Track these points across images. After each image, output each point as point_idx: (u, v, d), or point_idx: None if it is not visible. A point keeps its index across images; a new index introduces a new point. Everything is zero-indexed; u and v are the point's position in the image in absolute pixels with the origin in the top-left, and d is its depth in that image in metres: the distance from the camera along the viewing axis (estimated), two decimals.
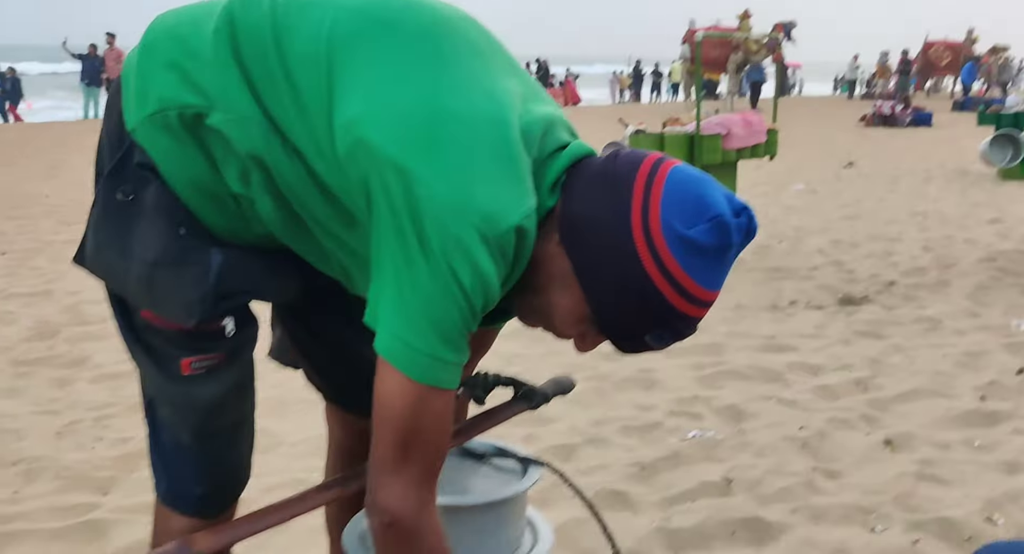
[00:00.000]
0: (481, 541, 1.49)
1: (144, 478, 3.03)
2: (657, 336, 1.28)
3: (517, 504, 1.56)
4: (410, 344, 1.19)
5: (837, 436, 3.35)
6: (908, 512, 2.76)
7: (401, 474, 1.23)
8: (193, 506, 1.46)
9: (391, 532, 1.24)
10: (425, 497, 1.26)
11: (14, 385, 4.02)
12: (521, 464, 1.64)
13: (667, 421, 3.53)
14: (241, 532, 1.39)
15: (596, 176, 1.27)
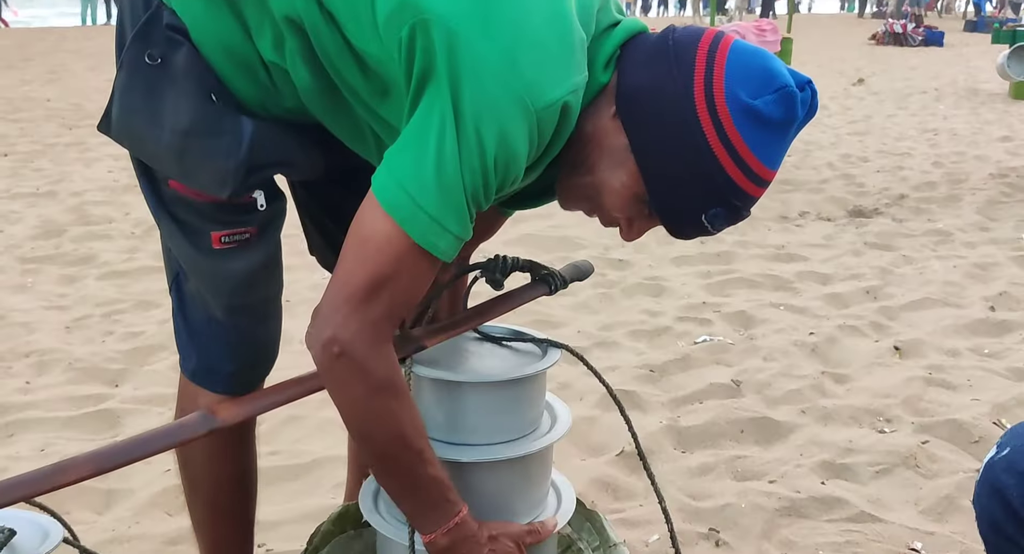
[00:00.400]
0: (500, 420, 1.47)
1: (155, 371, 3.06)
2: (713, 215, 1.23)
3: (536, 384, 1.55)
4: (416, 200, 1.13)
5: (846, 342, 3.36)
6: (916, 415, 2.78)
7: (361, 311, 1.17)
8: (222, 383, 1.44)
9: (341, 362, 1.18)
10: (383, 335, 1.21)
11: (23, 282, 4.02)
12: (540, 347, 1.63)
13: (676, 326, 3.53)
14: (262, 404, 1.38)
15: (655, 49, 1.22)
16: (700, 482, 2.41)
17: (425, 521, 1.29)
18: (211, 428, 1.29)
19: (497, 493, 1.43)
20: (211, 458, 1.54)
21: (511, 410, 1.46)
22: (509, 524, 1.38)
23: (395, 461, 1.26)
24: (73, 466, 1.23)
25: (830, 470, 2.44)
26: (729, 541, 2.12)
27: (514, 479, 1.45)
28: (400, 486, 1.29)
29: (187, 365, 1.49)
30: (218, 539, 1.59)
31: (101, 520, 2.22)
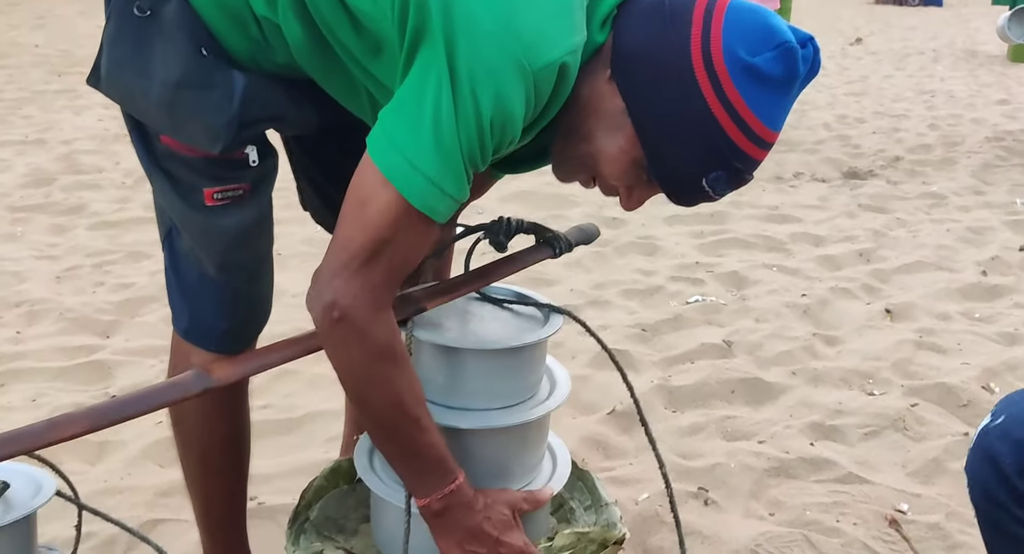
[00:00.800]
0: (499, 386, 1.46)
1: (146, 323, 3.05)
2: (715, 178, 1.20)
3: (537, 351, 1.54)
4: (412, 163, 1.12)
5: (838, 304, 3.36)
6: (906, 378, 2.80)
7: (360, 275, 1.17)
8: (215, 342, 1.44)
9: (341, 327, 1.18)
10: (382, 300, 1.21)
11: (12, 231, 3.99)
12: (541, 312, 1.61)
13: (669, 286, 3.53)
14: (257, 364, 1.37)
15: (650, 8, 1.19)
16: (690, 441, 2.42)
17: (420, 486, 1.30)
18: (206, 387, 1.29)
19: (493, 458, 1.43)
20: (204, 417, 1.53)
21: (510, 376, 1.45)
22: (505, 491, 1.39)
23: (392, 427, 1.26)
24: (67, 422, 1.23)
25: (819, 431, 2.46)
26: (718, 500, 2.14)
27: (511, 445, 1.45)
28: (396, 451, 1.30)
29: (180, 323, 1.48)
30: (210, 495, 1.59)
31: (93, 471, 2.22)
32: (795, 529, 1.97)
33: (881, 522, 2.04)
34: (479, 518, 1.33)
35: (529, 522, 1.48)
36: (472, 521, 1.32)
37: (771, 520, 2.06)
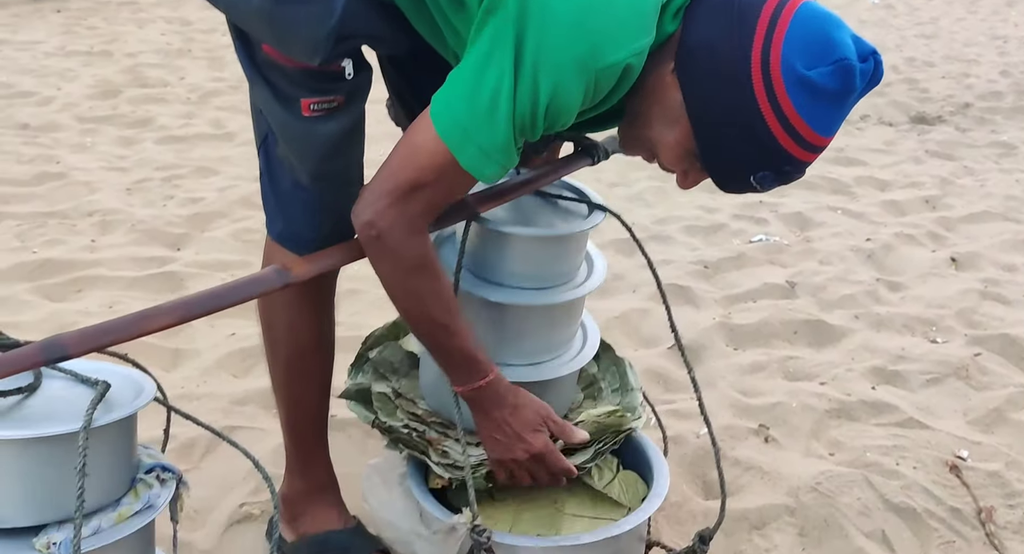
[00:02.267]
0: (533, 267, 1.59)
1: (216, 238, 3.11)
2: (762, 177, 1.26)
3: (575, 241, 1.63)
4: (467, 132, 1.21)
5: (903, 250, 3.33)
6: (969, 327, 2.78)
7: (398, 206, 1.28)
8: (306, 247, 1.47)
9: (378, 244, 1.31)
10: (417, 226, 1.32)
11: (82, 141, 4.05)
12: (588, 207, 1.67)
13: (732, 224, 3.52)
14: (333, 261, 1.44)
15: (721, 4, 1.22)
16: (751, 380, 2.44)
17: (455, 377, 1.45)
18: (285, 282, 1.37)
19: (519, 333, 1.59)
20: (291, 324, 1.58)
21: (545, 262, 1.60)
22: (538, 401, 1.52)
23: (427, 331, 1.41)
24: (157, 314, 1.28)
25: (881, 376, 2.46)
26: (778, 438, 2.16)
27: (538, 322, 1.61)
28: (432, 348, 1.45)
29: (273, 228, 1.52)
30: (296, 400, 1.65)
31: (170, 377, 2.30)
32: (855, 469, 1.99)
33: (941, 467, 2.05)
34: (504, 413, 1.47)
35: (558, 392, 1.65)
36: (498, 414, 1.46)
37: (831, 460, 2.08)
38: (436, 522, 1.56)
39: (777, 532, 1.82)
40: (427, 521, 1.59)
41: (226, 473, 1.93)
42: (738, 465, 2.03)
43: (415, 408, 1.69)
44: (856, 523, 1.83)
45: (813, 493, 1.89)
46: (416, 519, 1.60)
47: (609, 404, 1.76)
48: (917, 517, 1.87)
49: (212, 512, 1.83)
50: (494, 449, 1.50)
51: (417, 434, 1.63)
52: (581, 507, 1.62)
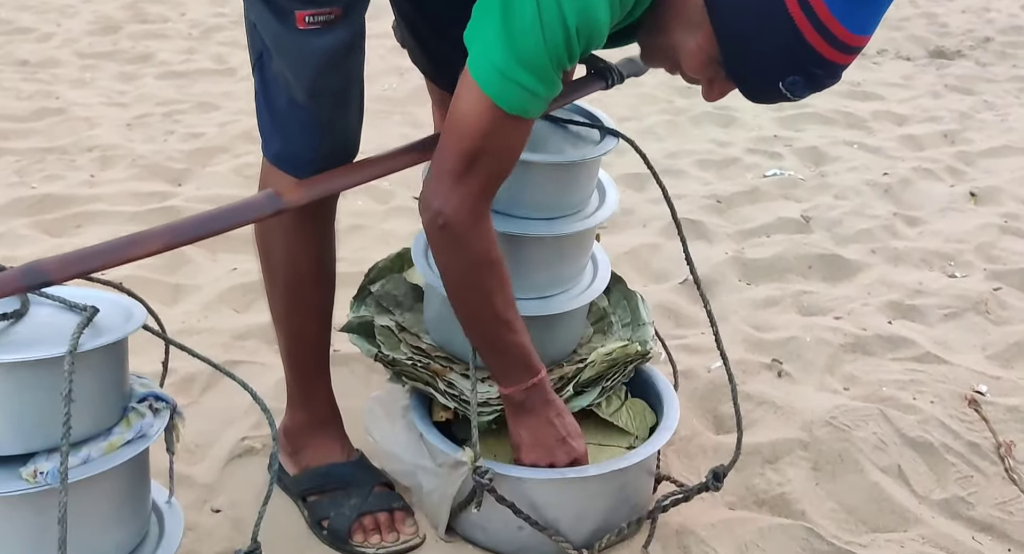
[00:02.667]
0: (546, 198, 1.55)
1: (217, 173, 3.05)
2: (792, 82, 1.19)
3: (585, 169, 1.57)
4: (503, 72, 1.19)
5: (921, 185, 3.25)
6: (988, 262, 2.71)
7: (461, 185, 1.28)
8: (304, 169, 1.41)
9: (444, 234, 1.31)
10: (481, 209, 1.32)
11: (82, 77, 3.98)
12: (600, 133, 1.61)
13: (745, 158, 3.43)
14: (328, 186, 1.39)
15: None
16: (764, 314, 2.38)
17: (505, 378, 1.45)
18: (277, 209, 1.32)
19: (528, 265, 1.56)
20: (289, 252, 1.53)
21: (551, 191, 1.56)
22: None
23: (483, 326, 1.41)
24: (146, 239, 1.25)
25: (897, 310, 2.40)
26: (792, 372, 2.11)
27: (548, 255, 1.58)
28: (486, 346, 1.45)
29: (269, 149, 1.47)
30: (295, 330, 1.60)
31: (171, 312, 2.25)
32: (870, 404, 1.94)
33: (959, 402, 2.00)
34: (551, 414, 1.47)
35: (568, 326, 1.65)
36: (546, 415, 1.47)
37: (845, 394, 2.03)
38: (440, 455, 1.53)
39: (790, 466, 1.77)
40: (431, 454, 1.56)
41: (227, 407, 1.89)
42: (750, 400, 1.98)
43: (419, 342, 1.65)
44: (871, 457, 1.79)
45: (827, 427, 1.84)
46: (420, 452, 1.57)
47: (619, 339, 1.71)
48: (934, 452, 1.82)
49: (212, 446, 1.80)
50: (534, 452, 1.49)
51: (421, 366, 1.59)
52: (588, 435, 1.58)
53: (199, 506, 1.64)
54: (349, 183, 1.39)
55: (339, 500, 1.59)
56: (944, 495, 1.73)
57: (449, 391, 1.56)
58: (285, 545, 1.56)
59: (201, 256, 2.52)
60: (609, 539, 1.53)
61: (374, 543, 1.55)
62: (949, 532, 1.63)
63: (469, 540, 1.58)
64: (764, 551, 1.57)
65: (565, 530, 1.52)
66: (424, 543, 1.57)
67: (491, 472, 1.45)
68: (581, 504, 1.53)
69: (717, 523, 1.62)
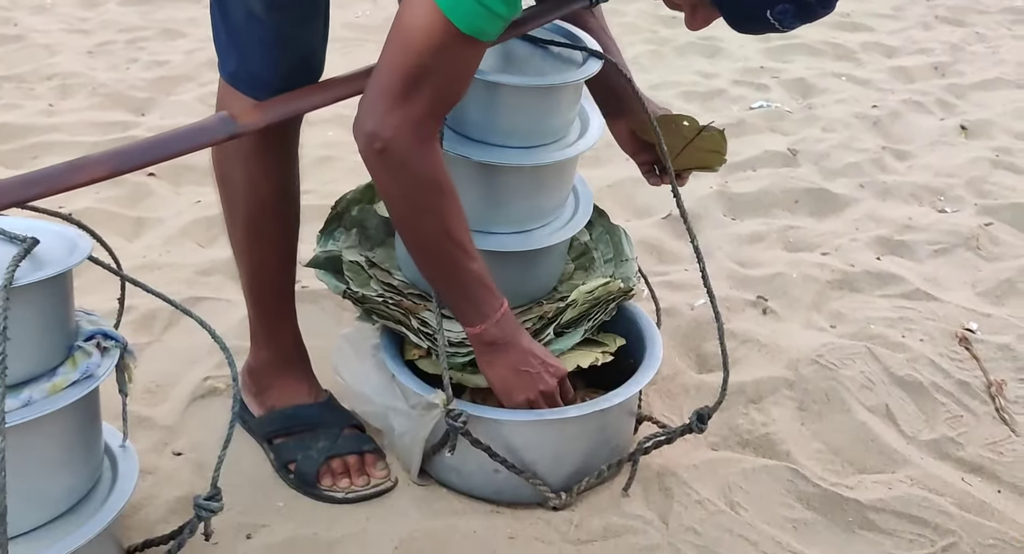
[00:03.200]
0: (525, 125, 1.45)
1: (182, 102, 2.93)
2: (781, 11, 1.11)
3: (566, 93, 1.47)
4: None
5: (910, 118, 3.16)
6: (979, 197, 2.64)
7: (401, 106, 1.17)
8: (261, 89, 1.32)
9: (383, 158, 1.20)
10: (424, 132, 1.21)
11: (41, 2, 3.82)
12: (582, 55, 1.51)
13: (731, 90, 3.33)
14: (288, 108, 1.28)
15: None
16: (749, 250, 2.31)
17: (474, 313, 1.35)
18: (232, 133, 1.23)
19: (506, 197, 1.47)
20: (250, 179, 1.43)
21: (536, 117, 1.45)
22: None
23: (439, 254, 1.30)
24: (89, 164, 1.15)
25: (886, 246, 2.34)
26: (777, 310, 2.05)
27: (527, 186, 1.48)
28: (445, 279, 1.34)
29: (226, 67, 1.36)
30: (257, 264, 1.51)
31: (131, 247, 2.16)
32: (858, 342, 1.88)
33: (948, 339, 1.95)
34: (524, 341, 1.39)
35: (548, 262, 1.57)
36: (525, 342, 1.39)
37: (832, 332, 1.97)
38: (412, 396, 1.46)
39: (775, 406, 1.72)
40: (403, 395, 1.48)
41: (189, 346, 1.81)
42: (734, 338, 1.91)
43: (390, 279, 1.56)
44: (859, 396, 1.73)
45: (814, 366, 1.79)
46: (391, 393, 1.50)
47: (601, 276, 1.63)
48: (923, 391, 1.77)
49: (174, 387, 1.72)
50: (520, 389, 1.40)
51: (393, 303, 1.51)
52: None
53: (159, 449, 1.57)
54: (311, 104, 1.28)
55: (306, 442, 1.52)
56: (933, 435, 1.68)
57: (423, 329, 1.49)
58: (250, 490, 1.49)
59: (164, 188, 2.41)
60: (588, 482, 1.48)
61: (343, 487, 1.48)
62: (938, 473, 1.58)
63: (443, 483, 1.52)
64: (748, 493, 1.52)
65: (543, 473, 1.46)
66: (396, 487, 1.51)
67: (465, 415, 1.38)
68: (560, 446, 1.47)
69: (700, 464, 1.57)
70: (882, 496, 1.51)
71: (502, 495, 1.48)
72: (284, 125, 1.36)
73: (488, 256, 1.42)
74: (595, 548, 1.40)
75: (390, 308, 1.51)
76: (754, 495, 1.51)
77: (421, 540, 1.39)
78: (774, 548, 1.41)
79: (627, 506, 1.48)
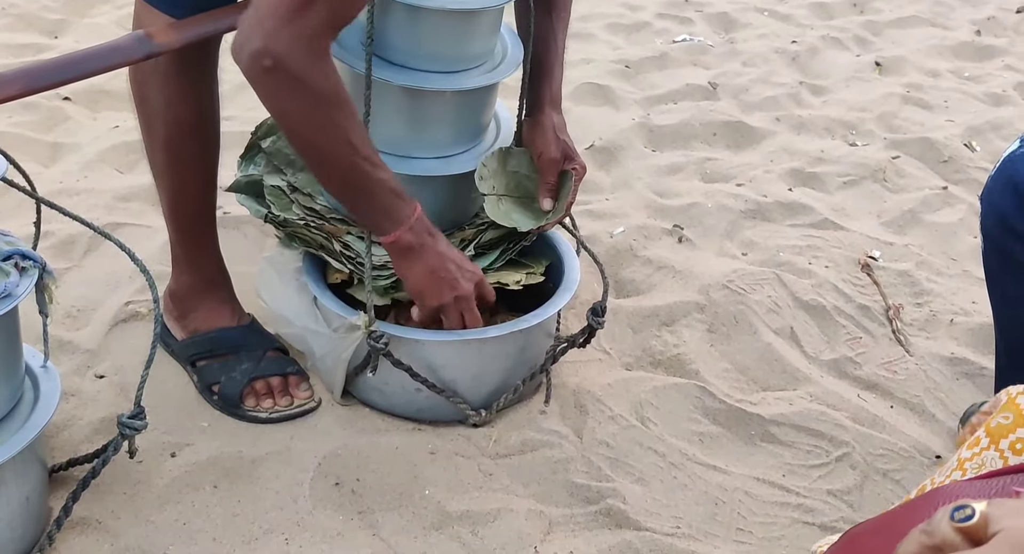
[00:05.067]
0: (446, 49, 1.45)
1: (97, 24, 2.85)
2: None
3: (488, 18, 1.48)
4: None
5: (828, 53, 3.23)
6: (890, 131, 2.73)
7: (294, 22, 1.14)
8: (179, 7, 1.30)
9: (274, 76, 1.17)
10: (318, 47, 1.18)
11: None
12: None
13: (656, 23, 3.36)
14: (205, 28, 1.29)
15: None
16: (668, 181, 2.37)
17: (387, 221, 1.34)
18: (148, 53, 1.24)
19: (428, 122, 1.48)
20: (168, 101, 1.42)
21: (458, 41, 1.46)
22: None
23: (344, 167, 1.28)
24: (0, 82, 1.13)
25: (798, 178, 2.42)
26: (692, 238, 2.11)
27: (449, 111, 1.50)
28: (353, 192, 1.32)
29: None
30: (177, 186, 1.51)
31: (48, 172, 2.12)
32: (767, 268, 1.96)
33: (852, 266, 2.04)
34: (440, 246, 1.39)
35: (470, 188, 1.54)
36: (435, 248, 1.38)
37: (743, 259, 2.05)
38: (335, 319, 1.48)
39: (686, 328, 1.79)
40: (325, 318, 1.51)
41: (110, 271, 1.81)
42: (650, 264, 1.98)
43: (313, 203, 1.57)
44: (765, 319, 1.81)
45: (724, 291, 1.86)
46: (312, 316, 1.52)
47: None
48: (826, 314, 1.86)
49: (96, 311, 1.72)
50: (438, 291, 1.39)
51: (315, 227, 1.52)
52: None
53: (82, 372, 1.58)
54: (229, 25, 1.28)
55: (230, 364, 1.54)
56: (833, 355, 1.77)
57: (345, 253, 1.51)
58: (174, 411, 1.52)
59: (80, 113, 2.36)
60: (507, 399, 1.53)
61: (267, 407, 1.51)
62: (836, 390, 1.68)
63: (366, 403, 1.56)
64: (658, 409, 1.59)
65: (463, 391, 1.51)
66: (319, 407, 1.54)
67: (386, 336, 1.42)
68: (480, 365, 1.52)
69: (613, 383, 1.64)
70: (783, 411, 1.60)
71: (424, 413, 1.53)
72: (203, 46, 1.36)
73: (409, 180, 1.45)
74: (512, 461, 1.47)
75: (312, 232, 1.53)
76: (664, 411, 1.59)
77: (344, 456, 1.44)
78: (680, 459, 1.49)
79: (544, 422, 1.54)
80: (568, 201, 1.54)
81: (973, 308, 1.93)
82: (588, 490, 1.41)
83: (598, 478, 1.43)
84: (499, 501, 1.38)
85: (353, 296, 1.53)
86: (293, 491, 1.37)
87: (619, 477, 1.44)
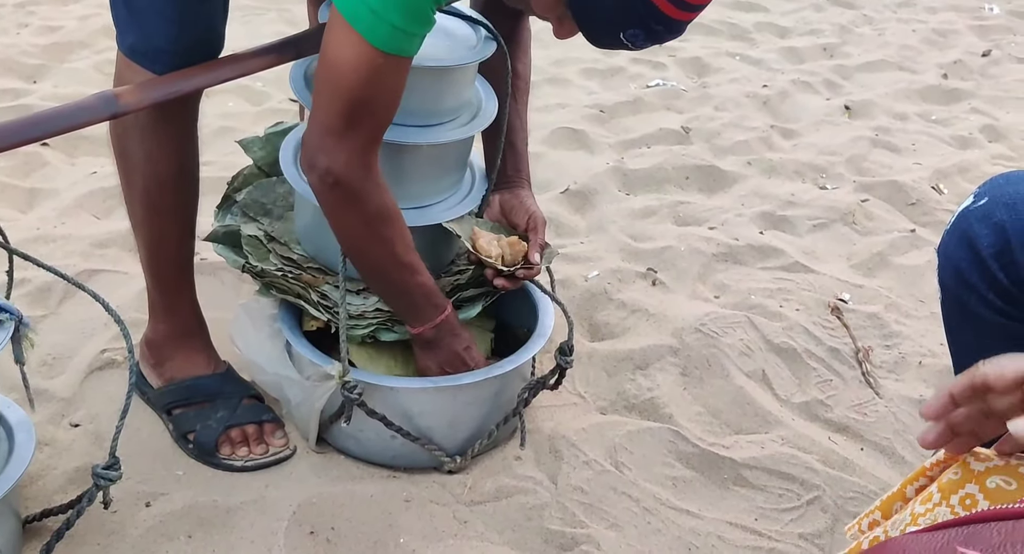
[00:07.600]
0: (421, 105, 1.48)
1: (76, 69, 2.87)
2: (632, 34, 1.22)
3: (462, 74, 1.52)
4: (376, 12, 1.16)
5: (798, 97, 3.30)
6: (859, 174, 2.79)
7: (346, 140, 1.25)
8: (160, 63, 1.32)
9: (338, 192, 1.29)
10: (370, 160, 1.29)
11: None
12: (475, 34, 1.56)
13: (630, 68, 3.42)
14: (171, 89, 1.30)
15: None
16: (642, 224, 2.40)
17: (414, 319, 1.46)
18: (113, 112, 1.26)
19: (403, 174, 1.51)
20: (148, 155, 1.44)
21: (432, 97, 1.50)
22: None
23: (388, 275, 1.41)
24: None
25: (769, 221, 2.46)
26: (665, 281, 2.14)
27: (424, 164, 1.53)
28: (391, 293, 1.46)
29: (124, 40, 1.37)
30: (156, 237, 1.52)
31: (24, 219, 2.13)
32: (739, 311, 1.99)
33: (822, 309, 2.07)
34: (460, 347, 1.50)
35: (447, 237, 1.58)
36: (458, 346, 1.50)
37: (716, 302, 2.08)
38: (309, 367, 1.50)
39: (660, 372, 1.81)
40: (299, 366, 1.52)
41: (86, 319, 1.81)
42: (624, 307, 2.00)
43: (290, 253, 1.59)
44: (737, 363, 1.84)
45: (697, 334, 1.89)
46: (285, 363, 1.53)
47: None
48: (797, 357, 1.89)
49: (71, 359, 1.72)
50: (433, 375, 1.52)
51: (292, 277, 1.54)
52: None
53: (56, 421, 1.58)
54: (196, 85, 1.30)
55: (205, 413, 1.55)
56: (804, 398, 1.80)
57: (323, 302, 1.52)
58: (149, 459, 1.52)
59: (58, 159, 2.38)
60: (482, 444, 1.54)
61: (242, 455, 1.52)
62: (807, 433, 1.70)
63: (341, 450, 1.57)
64: (632, 453, 1.61)
65: (438, 438, 1.52)
66: (295, 455, 1.55)
67: (360, 386, 1.43)
68: (454, 412, 1.53)
69: (588, 427, 1.65)
70: (755, 454, 1.62)
71: (399, 460, 1.54)
72: (182, 100, 1.38)
73: None
74: (487, 508, 1.48)
75: (289, 282, 1.54)
76: (637, 455, 1.61)
77: (319, 504, 1.44)
78: (654, 504, 1.51)
79: (519, 468, 1.56)
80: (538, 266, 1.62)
81: (941, 350, 1.97)
82: (563, 536, 1.43)
83: (572, 524, 1.45)
84: (474, 549, 1.39)
85: (328, 342, 1.54)
86: (268, 540, 1.38)
87: (593, 523, 1.46)
